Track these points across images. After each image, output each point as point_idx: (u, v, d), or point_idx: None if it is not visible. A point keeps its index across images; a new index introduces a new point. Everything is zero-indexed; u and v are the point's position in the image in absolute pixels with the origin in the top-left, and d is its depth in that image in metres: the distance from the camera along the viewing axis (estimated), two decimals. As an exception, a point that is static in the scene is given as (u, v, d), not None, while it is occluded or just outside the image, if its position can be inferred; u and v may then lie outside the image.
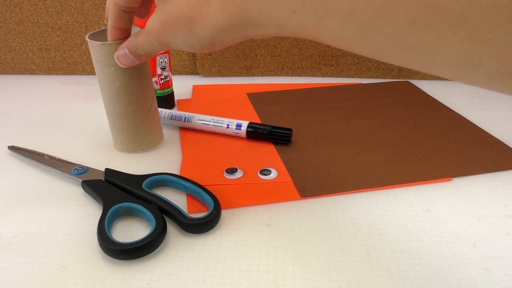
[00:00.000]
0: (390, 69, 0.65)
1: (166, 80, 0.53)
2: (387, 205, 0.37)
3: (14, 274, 0.30)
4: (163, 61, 0.52)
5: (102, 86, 0.41)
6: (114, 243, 0.31)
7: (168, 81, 0.54)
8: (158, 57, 0.51)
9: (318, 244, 0.32)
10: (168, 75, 0.53)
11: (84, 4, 0.62)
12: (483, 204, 0.37)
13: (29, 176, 0.41)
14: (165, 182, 0.39)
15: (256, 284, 0.29)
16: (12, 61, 0.66)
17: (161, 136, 0.46)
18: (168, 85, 0.54)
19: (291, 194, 0.38)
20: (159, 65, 0.52)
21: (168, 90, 0.54)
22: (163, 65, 0.52)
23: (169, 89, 0.54)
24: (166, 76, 0.53)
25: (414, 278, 0.29)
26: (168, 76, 0.53)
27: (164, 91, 0.54)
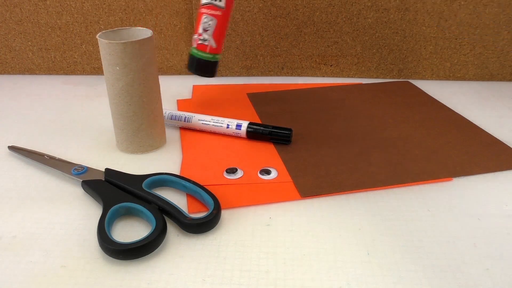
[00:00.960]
0: (390, 69, 0.65)
1: (204, 43, 0.50)
2: (387, 205, 0.37)
3: (14, 274, 0.30)
4: (207, 23, 0.49)
5: (107, 84, 0.41)
6: (114, 243, 0.31)
7: (206, 45, 0.50)
8: (204, 15, 0.49)
9: (318, 244, 0.32)
10: (208, 39, 0.50)
11: (84, 4, 0.62)
12: (483, 204, 0.37)
13: (29, 176, 0.41)
14: (165, 182, 0.39)
15: (256, 284, 0.29)
16: (12, 61, 0.67)
17: (163, 140, 0.46)
18: (205, 49, 0.50)
19: (291, 194, 0.38)
20: (202, 24, 0.49)
21: (204, 54, 0.51)
22: (206, 27, 0.49)
23: (206, 54, 0.51)
24: (206, 39, 0.50)
25: (414, 278, 0.29)
26: (208, 40, 0.50)
27: (199, 53, 0.51)
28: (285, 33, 0.63)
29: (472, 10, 0.60)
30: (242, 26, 0.62)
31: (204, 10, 0.49)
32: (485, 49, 0.62)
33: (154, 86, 0.43)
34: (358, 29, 0.62)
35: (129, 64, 0.40)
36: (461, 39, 0.62)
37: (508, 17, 0.60)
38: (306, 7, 0.61)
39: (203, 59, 0.52)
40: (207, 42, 0.50)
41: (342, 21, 0.62)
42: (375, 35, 0.63)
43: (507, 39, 0.61)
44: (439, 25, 0.61)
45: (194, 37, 0.50)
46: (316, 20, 0.62)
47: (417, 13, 0.60)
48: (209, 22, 0.49)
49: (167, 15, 0.63)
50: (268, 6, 0.61)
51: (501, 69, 0.63)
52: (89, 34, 0.64)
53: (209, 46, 0.51)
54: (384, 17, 0.61)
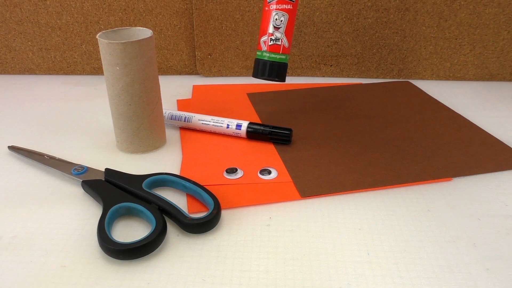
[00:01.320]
0: (390, 69, 0.65)
1: (276, 42, 0.45)
2: (387, 205, 0.37)
3: (14, 274, 0.30)
4: (279, 19, 0.45)
5: (107, 84, 0.41)
6: (114, 243, 0.31)
7: (279, 45, 0.45)
8: (274, 12, 0.44)
9: (318, 244, 0.32)
10: (281, 38, 0.45)
11: (84, 4, 0.62)
12: (483, 204, 0.37)
13: (29, 176, 0.41)
14: (165, 182, 0.39)
15: (256, 284, 0.29)
16: (12, 61, 0.67)
17: (163, 140, 0.46)
18: (278, 50, 0.45)
19: (291, 194, 0.38)
20: (273, 22, 0.45)
21: (276, 56, 0.46)
22: (278, 24, 0.45)
23: (278, 56, 0.46)
24: (278, 38, 0.45)
25: (414, 278, 0.29)
26: (280, 39, 0.45)
27: (271, 55, 0.45)
28: (285, 33, 0.63)
29: (472, 10, 0.60)
30: (242, 26, 0.62)
31: (274, 6, 0.44)
32: (485, 49, 0.62)
33: (154, 86, 0.43)
34: (358, 29, 0.62)
35: (129, 64, 0.40)
36: (461, 39, 0.62)
37: (508, 17, 0.60)
38: (306, 7, 0.61)
39: (276, 61, 0.46)
40: (279, 41, 0.45)
41: (342, 21, 0.62)
42: (375, 35, 0.63)
43: (507, 39, 0.61)
44: (439, 25, 0.61)
45: (263, 39, 0.45)
46: (316, 20, 0.62)
47: (417, 13, 0.60)
48: (281, 18, 0.44)
49: (167, 15, 0.63)
50: (268, 6, 0.61)
51: (501, 69, 0.63)
52: (89, 34, 0.64)
53: (282, 45, 0.45)
54: (384, 17, 0.61)
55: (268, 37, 0.45)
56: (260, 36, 0.46)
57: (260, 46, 0.46)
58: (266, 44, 0.45)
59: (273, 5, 0.44)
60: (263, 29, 0.45)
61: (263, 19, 0.45)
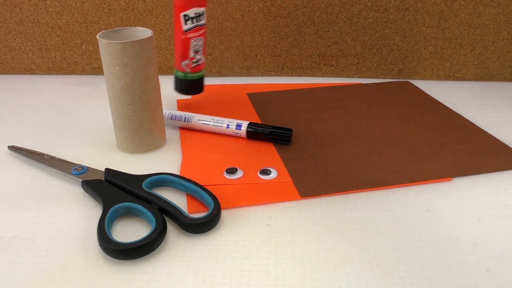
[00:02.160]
0: (390, 69, 0.65)
1: (197, 64, 0.51)
2: (387, 205, 0.37)
3: (14, 274, 0.30)
4: (197, 44, 0.50)
5: (107, 84, 0.41)
6: (114, 243, 0.31)
7: (200, 65, 0.51)
8: (192, 39, 0.49)
9: (318, 244, 0.32)
10: (201, 58, 0.51)
11: (84, 4, 0.62)
12: (483, 204, 0.37)
13: (29, 176, 0.41)
14: (165, 182, 0.39)
15: (256, 284, 0.29)
16: (12, 61, 0.67)
17: (163, 140, 0.46)
18: (200, 69, 0.52)
19: (291, 194, 0.38)
20: (193, 48, 0.49)
21: (198, 74, 0.52)
22: (197, 48, 0.50)
23: (200, 73, 0.52)
24: (199, 60, 0.51)
25: (414, 278, 0.29)
26: (200, 60, 0.51)
27: (195, 75, 0.52)
28: (285, 33, 0.63)
29: (472, 10, 0.60)
30: (242, 26, 0.62)
31: (191, 35, 0.49)
32: (485, 49, 0.62)
33: (154, 86, 0.43)
34: (358, 29, 0.62)
35: (129, 64, 0.40)
36: (461, 39, 0.62)
37: (508, 17, 0.60)
38: (306, 7, 0.61)
39: (197, 79, 0.53)
40: (200, 61, 0.51)
41: (342, 21, 0.62)
42: (375, 35, 0.63)
43: (507, 39, 0.61)
44: (439, 25, 0.61)
45: (185, 62, 0.50)
46: (316, 20, 0.62)
47: (417, 13, 0.60)
48: (198, 43, 0.50)
49: (167, 15, 0.63)
50: (268, 6, 0.61)
51: (501, 69, 0.63)
52: (89, 34, 0.64)
53: (202, 64, 0.52)
54: (384, 17, 0.61)
55: (190, 61, 0.50)
56: (180, 60, 0.51)
57: (182, 68, 0.51)
58: (189, 67, 0.51)
59: (190, 33, 0.49)
60: (183, 54, 0.50)
61: (181, 45, 0.49)
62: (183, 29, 0.49)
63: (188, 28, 0.49)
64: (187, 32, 0.49)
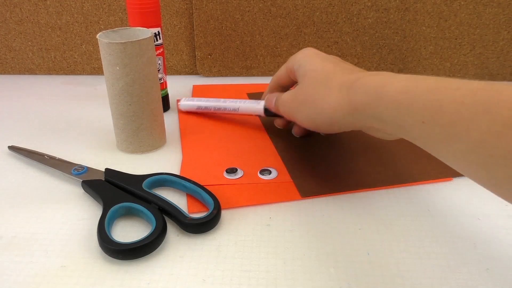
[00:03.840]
0: (390, 69, 0.65)
1: (160, 82, 0.52)
2: (387, 205, 0.37)
3: (14, 274, 0.30)
4: (157, 64, 0.51)
5: (107, 84, 0.41)
6: (114, 243, 0.31)
7: (162, 83, 0.53)
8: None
9: (318, 244, 0.32)
10: (162, 77, 0.53)
11: (84, 4, 0.62)
12: (483, 204, 0.37)
13: (29, 176, 0.41)
14: (165, 182, 0.39)
15: (256, 284, 0.29)
16: (12, 61, 0.67)
17: (163, 140, 0.46)
18: (162, 87, 0.53)
19: (291, 194, 0.38)
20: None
21: (162, 92, 0.53)
22: (157, 67, 0.51)
23: (163, 91, 0.53)
24: (160, 78, 0.52)
25: (414, 278, 0.29)
26: (162, 78, 0.53)
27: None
28: (285, 33, 0.63)
29: (472, 10, 0.60)
30: (242, 26, 0.62)
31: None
32: (485, 49, 0.62)
33: (154, 86, 0.43)
34: (358, 29, 0.62)
35: (129, 64, 0.40)
36: (461, 39, 0.62)
37: (508, 17, 0.60)
38: (306, 7, 0.61)
39: (164, 96, 0.54)
40: (162, 80, 0.53)
41: (342, 21, 0.62)
42: (375, 35, 0.63)
43: (507, 39, 0.61)
44: (439, 25, 0.61)
45: None
46: (316, 20, 0.62)
47: (417, 13, 0.60)
48: (158, 62, 0.52)
49: (167, 15, 0.63)
50: (268, 6, 0.61)
51: (501, 69, 0.63)
52: (89, 34, 0.64)
53: (164, 82, 0.54)
54: (384, 17, 0.61)
55: None
56: None
57: None
58: None
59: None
60: None
61: None
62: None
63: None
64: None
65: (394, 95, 0.28)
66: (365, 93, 0.30)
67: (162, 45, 0.51)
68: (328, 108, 0.34)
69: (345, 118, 0.33)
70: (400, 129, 0.28)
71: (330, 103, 0.33)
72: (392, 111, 0.28)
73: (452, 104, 0.24)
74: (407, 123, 0.27)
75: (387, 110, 0.28)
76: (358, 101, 0.31)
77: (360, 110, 0.31)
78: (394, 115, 0.28)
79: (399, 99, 0.27)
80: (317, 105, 0.35)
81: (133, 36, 0.43)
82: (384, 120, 0.29)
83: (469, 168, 0.24)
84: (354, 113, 0.32)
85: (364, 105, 0.30)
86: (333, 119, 0.34)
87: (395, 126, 0.28)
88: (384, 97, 0.28)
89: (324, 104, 0.34)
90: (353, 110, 0.31)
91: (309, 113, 0.36)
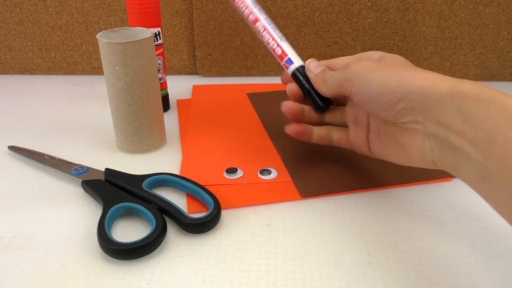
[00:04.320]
0: (390, 69, 0.65)
1: (160, 82, 0.52)
2: (387, 205, 0.37)
3: (14, 274, 0.30)
4: (158, 64, 0.51)
5: (107, 84, 0.41)
6: (114, 243, 0.31)
7: (162, 83, 0.53)
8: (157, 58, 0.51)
9: (318, 244, 0.32)
10: (162, 77, 0.53)
11: (84, 4, 0.62)
12: (483, 204, 0.37)
13: (29, 176, 0.41)
14: (165, 182, 0.39)
15: (256, 284, 0.29)
16: (12, 61, 0.67)
17: (163, 140, 0.46)
18: (162, 87, 0.53)
19: (291, 194, 0.38)
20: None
21: (162, 92, 0.53)
22: (157, 68, 0.51)
23: (163, 91, 0.53)
24: (160, 78, 0.52)
25: (414, 278, 0.29)
26: (162, 78, 0.53)
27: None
28: (285, 33, 0.63)
29: (472, 10, 0.60)
30: (242, 26, 0.62)
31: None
32: (485, 49, 0.62)
33: (154, 86, 0.43)
34: (358, 29, 0.62)
35: (129, 64, 0.40)
36: (461, 39, 0.62)
37: (508, 17, 0.60)
38: (306, 7, 0.61)
39: (164, 96, 0.54)
40: (162, 80, 0.53)
41: (342, 21, 0.62)
42: (375, 35, 0.63)
43: (507, 39, 0.61)
44: (439, 25, 0.61)
45: None
46: (316, 20, 0.62)
47: (417, 13, 0.61)
48: (158, 62, 0.51)
49: (167, 15, 0.63)
50: (268, 6, 0.61)
51: (501, 69, 0.63)
52: (89, 34, 0.64)
53: (164, 82, 0.53)
54: (384, 17, 0.61)
55: None
56: None
57: None
58: None
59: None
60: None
61: None
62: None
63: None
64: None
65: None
66: (474, 85, 0.26)
67: (162, 45, 0.51)
68: (408, 77, 0.28)
69: (436, 97, 0.27)
70: (483, 142, 0.24)
71: (425, 76, 0.28)
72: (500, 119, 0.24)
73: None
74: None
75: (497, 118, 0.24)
76: (465, 88, 0.26)
77: (463, 95, 0.26)
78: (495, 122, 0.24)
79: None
80: (406, 72, 0.29)
81: (133, 36, 0.43)
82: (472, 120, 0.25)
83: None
84: (453, 97, 0.26)
85: (472, 93, 0.25)
86: (408, 92, 0.28)
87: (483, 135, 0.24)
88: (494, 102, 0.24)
89: (416, 74, 0.29)
90: (457, 91, 0.26)
91: (391, 75, 0.30)
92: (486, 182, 0.24)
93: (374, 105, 0.31)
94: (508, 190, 0.23)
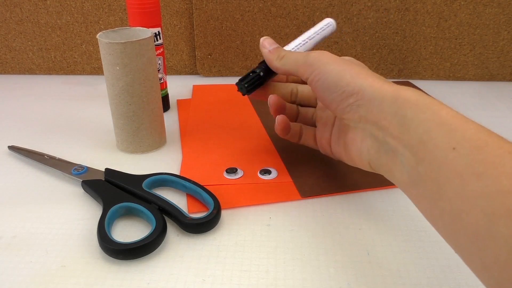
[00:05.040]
0: (390, 69, 0.65)
1: (160, 82, 0.52)
2: (387, 205, 0.37)
3: (14, 274, 0.30)
4: (158, 64, 0.51)
5: (108, 84, 0.41)
6: (114, 243, 0.31)
7: (162, 83, 0.53)
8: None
9: (318, 244, 0.32)
10: (162, 77, 0.53)
11: (84, 4, 0.62)
12: (483, 204, 0.37)
13: (29, 176, 0.41)
14: (165, 182, 0.39)
15: (256, 284, 0.29)
16: (12, 61, 0.67)
17: (163, 140, 0.46)
18: (163, 87, 0.53)
19: (291, 194, 0.38)
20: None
21: (162, 92, 0.53)
22: (158, 67, 0.51)
23: (163, 91, 0.53)
24: (160, 78, 0.52)
25: (414, 278, 0.29)
26: (162, 78, 0.53)
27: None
28: (285, 33, 0.63)
29: (472, 10, 0.60)
30: (242, 26, 0.62)
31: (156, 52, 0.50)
32: (485, 49, 0.62)
33: (154, 86, 0.43)
34: (358, 29, 0.62)
35: (129, 64, 0.40)
36: (461, 39, 0.62)
37: (508, 17, 0.60)
38: (306, 7, 0.61)
39: (164, 96, 0.54)
40: (162, 80, 0.53)
41: (342, 21, 0.62)
42: (375, 35, 0.63)
43: (507, 39, 0.61)
44: (439, 25, 0.61)
45: None
46: (316, 20, 0.62)
47: (417, 13, 0.61)
48: (158, 62, 0.51)
49: (167, 15, 0.63)
50: (268, 6, 0.61)
51: (501, 69, 0.63)
52: (89, 34, 0.64)
53: (164, 82, 0.54)
54: (384, 17, 0.61)
55: None
56: None
57: None
58: None
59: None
60: None
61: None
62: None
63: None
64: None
65: (447, 118, 0.25)
66: (415, 92, 0.28)
67: (162, 45, 0.51)
68: (363, 76, 0.30)
69: (381, 99, 0.28)
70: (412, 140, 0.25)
71: (376, 79, 0.30)
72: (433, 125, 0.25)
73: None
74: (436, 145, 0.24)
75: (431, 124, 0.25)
76: (406, 94, 0.28)
77: (402, 100, 0.27)
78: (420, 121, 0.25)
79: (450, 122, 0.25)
80: (361, 71, 0.31)
81: (133, 36, 0.43)
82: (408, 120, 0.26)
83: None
84: (394, 101, 0.28)
85: (412, 100, 0.27)
86: (359, 89, 0.29)
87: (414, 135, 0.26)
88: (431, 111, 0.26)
89: (370, 75, 0.30)
90: (398, 96, 0.28)
91: (348, 70, 0.31)
92: (415, 186, 0.25)
93: (328, 95, 0.32)
94: (431, 194, 0.24)
